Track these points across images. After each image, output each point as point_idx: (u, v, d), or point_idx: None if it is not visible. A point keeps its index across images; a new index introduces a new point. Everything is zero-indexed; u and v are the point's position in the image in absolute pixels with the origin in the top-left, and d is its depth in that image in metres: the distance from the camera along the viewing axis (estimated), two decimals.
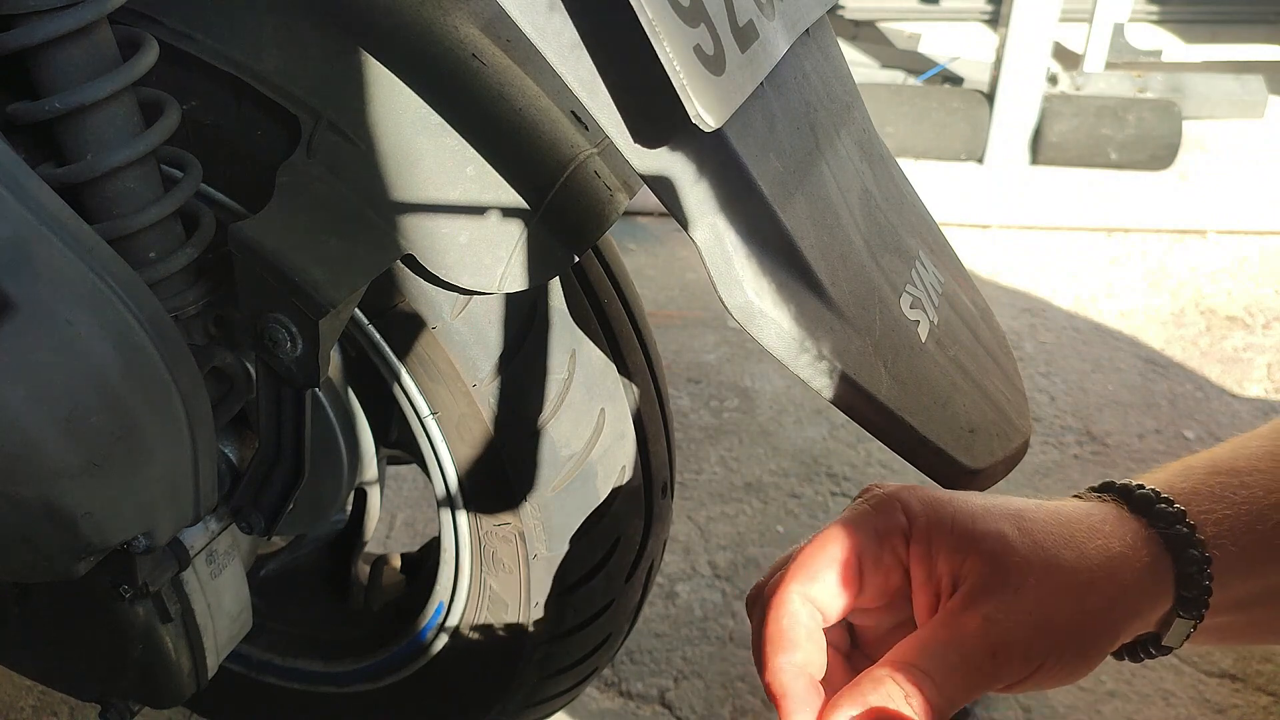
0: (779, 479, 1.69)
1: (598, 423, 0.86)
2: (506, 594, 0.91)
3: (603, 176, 0.72)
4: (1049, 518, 0.53)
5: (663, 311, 2.13)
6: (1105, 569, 0.51)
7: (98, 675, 0.87)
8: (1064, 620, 0.49)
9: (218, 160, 0.75)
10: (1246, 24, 3.52)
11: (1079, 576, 0.50)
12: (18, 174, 0.62)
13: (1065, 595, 0.50)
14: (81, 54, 0.67)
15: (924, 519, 0.52)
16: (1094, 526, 0.53)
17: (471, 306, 0.77)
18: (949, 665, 0.48)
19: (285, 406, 0.77)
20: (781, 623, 0.51)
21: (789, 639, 0.51)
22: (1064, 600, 0.50)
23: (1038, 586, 0.50)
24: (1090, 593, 0.50)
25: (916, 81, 3.04)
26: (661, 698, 1.33)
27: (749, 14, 0.55)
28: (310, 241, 0.68)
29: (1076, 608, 0.50)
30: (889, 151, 0.75)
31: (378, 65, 0.69)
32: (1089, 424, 1.84)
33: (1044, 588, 0.50)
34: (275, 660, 1.07)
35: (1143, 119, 2.66)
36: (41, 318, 0.62)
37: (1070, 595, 0.50)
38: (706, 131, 0.50)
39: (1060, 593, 0.50)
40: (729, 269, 0.55)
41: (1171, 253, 2.40)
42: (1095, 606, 0.50)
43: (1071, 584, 0.50)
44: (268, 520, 0.84)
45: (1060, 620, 0.49)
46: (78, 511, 0.68)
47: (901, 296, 0.64)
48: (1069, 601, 0.50)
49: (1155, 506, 0.54)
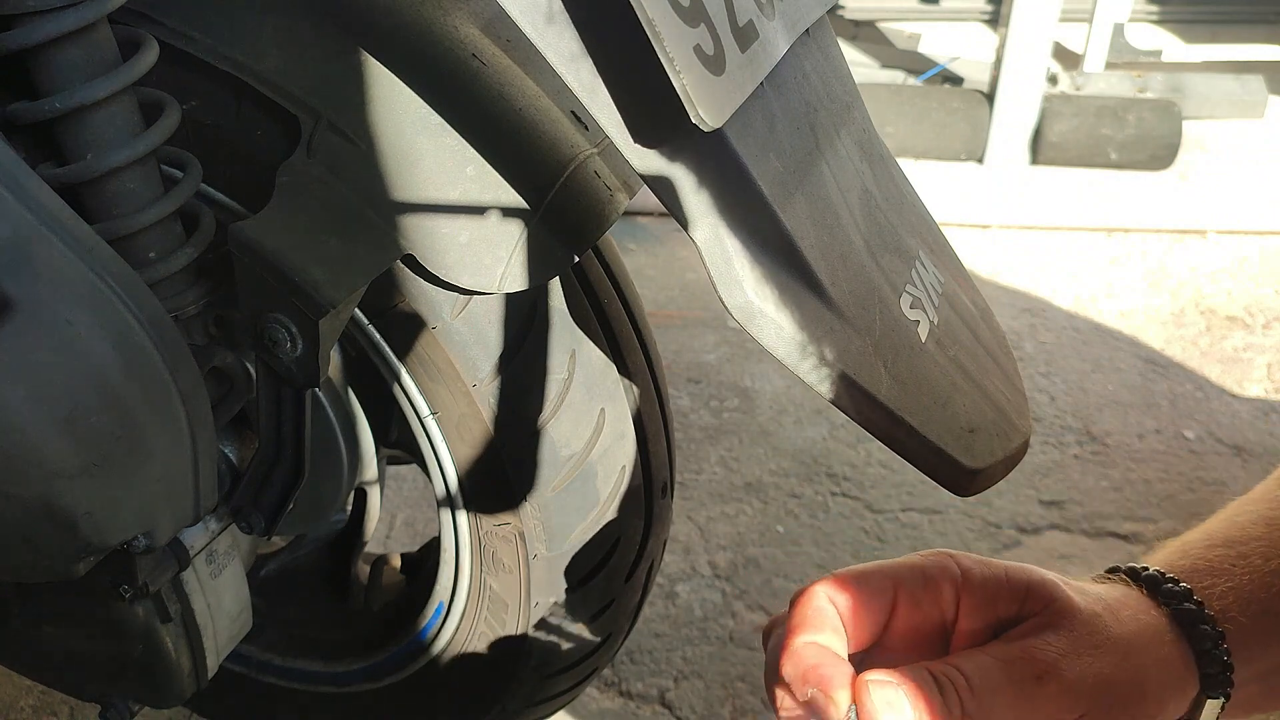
0: (779, 479, 1.69)
1: (598, 423, 0.86)
2: (506, 594, 0.91)
3: (603, 176, 0.72)
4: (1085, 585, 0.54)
5: (663, 311, 2.13)
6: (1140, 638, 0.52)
7: (98, 675, 0.87)
8: (1109, 672, 0.49)
9: (218, 160, 0.75)
10: (1246, 24, 3.52)
11: (1122, 640, 0.51)
12: (18, 174, 0.62)
13: (1112, 651, 0.50)
14: (81, 54, 0.67)
15: (978, 572, 0.53)
16: (1121, 601, 0.54)
17: (471, 306, 0.77)
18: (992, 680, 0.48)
19: (285, 406, 0.77)
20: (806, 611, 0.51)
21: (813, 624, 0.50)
22: (1110, 655, 0.50)
23: (1089, 636, 0.50)
24: (1132, 655, 0.51)
25: (916, 81, 3.04)
26: (661, 698, 1.33)
27: (749, 14, 0.55)
28: (310, 241, 0.68)
29: (1121, 664, 0.50)
30: (889, 151, 0.75)
31: (378, 65, 0.69)
32: (1089, 424, 1.84)
33: (1094, 639, 0.50)
34: (275, 660, 1.07)
35: (1143, 119, 2.66)
36: (41, 318, 0.62)
37: (1116, 652, 0.50)
38: (706, 131, 0.50)
39: (1107, 647, 0.50)
40: (729, 269, 0.55)
41: (1171, 253, 2.40)
42: (1138, 665, 0.51)
43: (1117, 644, 0.51)
44: (268, 520, 0.84)
45: (1106, 672, 0.49)
46: (78, 511, 0.68)
47: (901, 296, 0.64)
48: (1115, 657, 0.50)
49: (1163, 586, 0.54)
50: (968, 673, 0.48)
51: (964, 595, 0.53)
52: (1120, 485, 1.70)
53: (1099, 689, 0.49)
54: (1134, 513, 1.65)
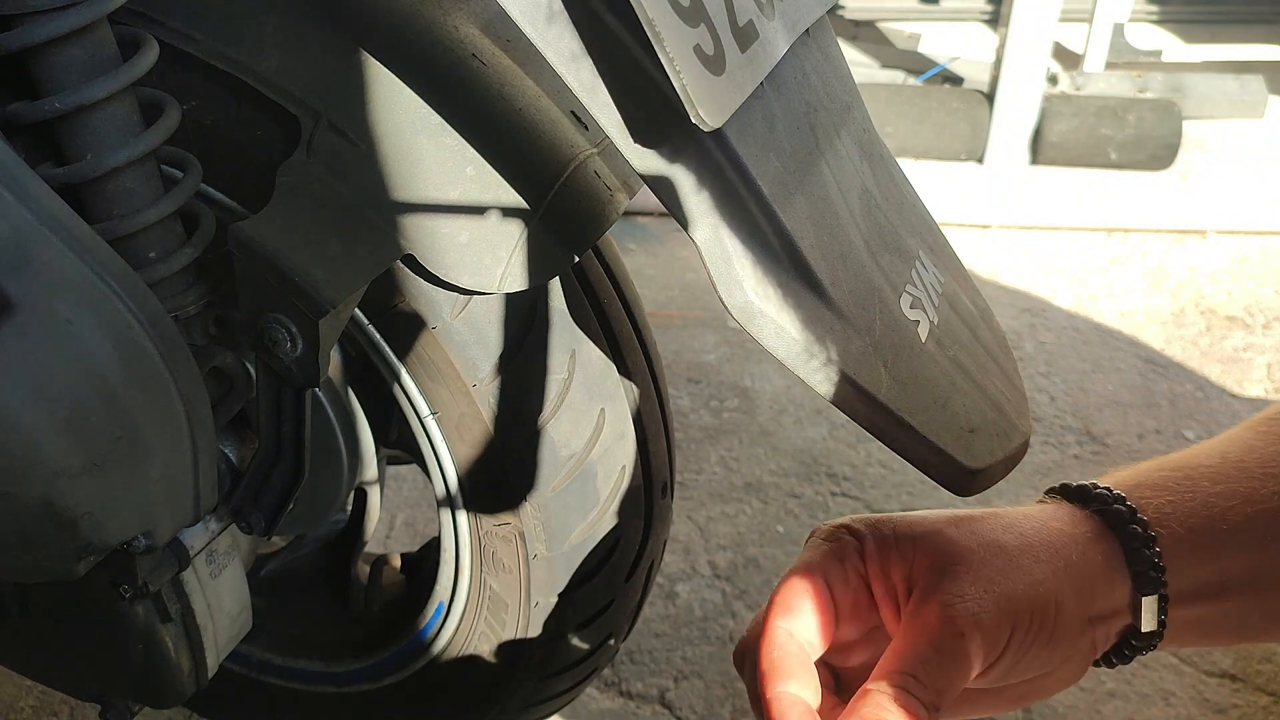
0: (779, 479, 1.69)
1: (598, 423, 0.86)
2: (506, 594, 0.91)
3: (603, 176, 0.72)
4: (987, 515, 0.56)
5: (663, 311, 2.13)
6: (1048, 545, 0.54)
7: (98, 675, 0.87)
8: (1016, 592, 0.51)
9: (218, 160, 0.75)
10: (1246, 24, 3.52)
11: (1023, 555, 0.53)
12: (18, 174, 0.62)
13: (1012, 571, 0.52)
14: (82, 54, 0.67)
15: (871, 537, 0.55)
16: (1031, 515, 0.56)
17: (471, 306, 0.77)
18: (924, 658, 0.50)
19: (285, 406, 0.77)
20: (773, 655, 0.52)
21: (781, 669, 0.52)
22: (1011, 575, 0.52)
23: (983, 566, 0.52)
24: (1036, 565, 0.53)
25: (916, 81, 3.04)
26: (661, 698, 1.33)
27: (749, 14, 0.55)
28: (310, 241, 0.68)
29: (1025, 579, 0.52)
30: (889, 151, 0.75)
31: (378, 65, 0.69)
32: (1089, 424, 1.84)
33: (990, 567, 0.52)
34: (275, 660, 1.07)
35: (1143, 119, 2.66)
36: (41, 318, 0.62)
37: (1017, 570, 0.52)
38: (706, 131, 0.50)
39: (1007, 569, 0.52)
40: (729, 269, 0.55)
41: (1171, 253, 2.40)
42: (1042, 576, 0.52)
43: (1016, 561, 0.53)
44: (268, 520, 0.84)
45: (1013, 592, 0.51)
46: (78, 511, 0.68)
47: (901, 296, 0.64)
48: (1017, 575, 0.52)
49: (1092, 493, 0.57)
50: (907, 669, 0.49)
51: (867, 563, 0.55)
52: None
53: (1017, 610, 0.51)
54: None
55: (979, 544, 0.53)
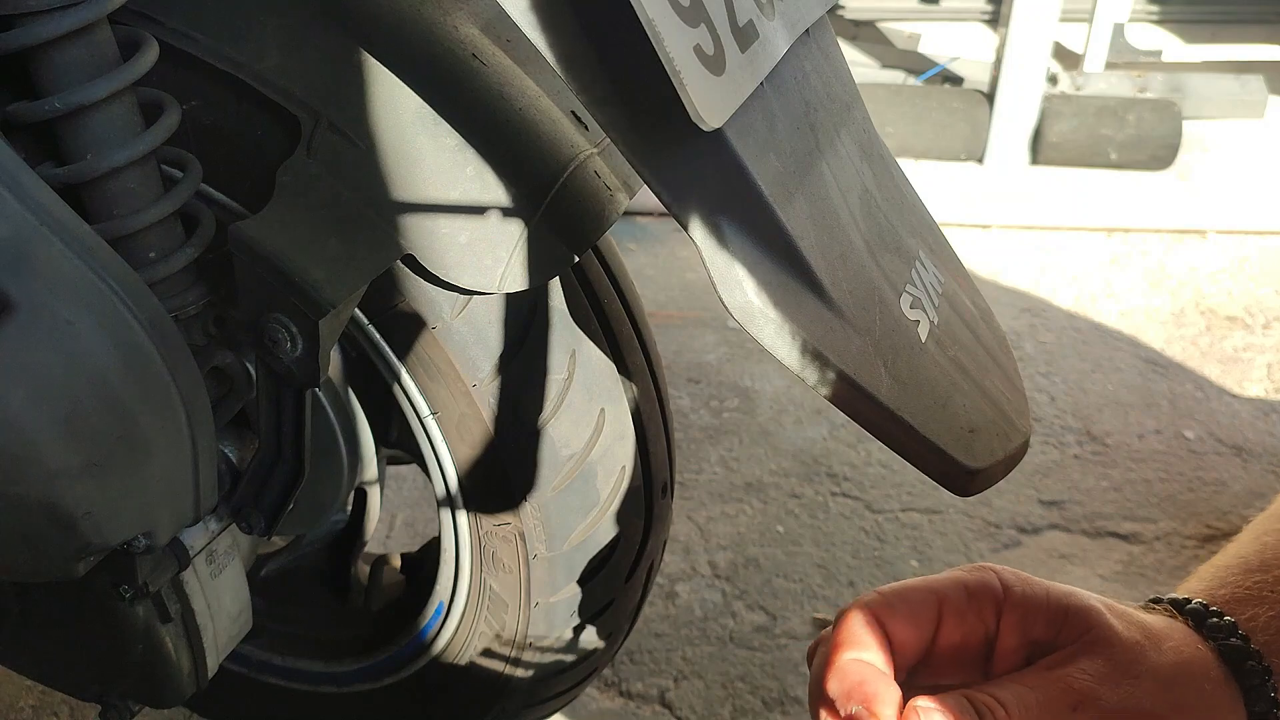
0: (779, 479, 1.69)
1: (598, 423, 0.86)
2: (506, 594, 0.91)
3: (603, 176, 0.72)
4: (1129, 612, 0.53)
5: (663, 311, 2.13)
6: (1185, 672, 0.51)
7: (98, 675, 0.87)
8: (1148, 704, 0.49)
9: (218, 160, 0.75)
10: (1246, 24, 3.52)
11: (1163, 671, 0.50)
12: (18, 174, 0.62)
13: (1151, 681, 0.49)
14: (81, 54, 0.67)
15: (1019, 589, 0.52)
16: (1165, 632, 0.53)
17: (471, 306, 0.77)
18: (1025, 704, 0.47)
19: (285, 406, 0.77)
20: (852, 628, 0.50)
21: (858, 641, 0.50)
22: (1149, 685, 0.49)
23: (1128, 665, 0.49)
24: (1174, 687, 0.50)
25: (916, 81, 3.04)
26: (661, 698, 1.33)
27: (749, 14, 0.55)
28: (310, 241, 0.68)
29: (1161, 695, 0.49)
30: (889, 151, 0.75)
31: (378, 65, 0.69)
32: (1089, 424, 1.84)
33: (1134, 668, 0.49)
34: (275, 660, 1.07)
35: (1143, 119, 2.66)
36: (41, 318, 0.62)
37: (1156, 683, 0.49)
38: (706, 131, 0.50)
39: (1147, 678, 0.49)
40: (729, 269, 0.55)
41: (1171, 253, 2.40)
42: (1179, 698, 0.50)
43: (1157, 675, 0.50)
44: (268, 520, 0.84)
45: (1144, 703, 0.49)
46: (78, 511, 0.68)
47: (901, 296, 0.64)
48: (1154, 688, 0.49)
49: (1208, 620, 0.53)
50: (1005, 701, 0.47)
51: (1005, 612, 0.52)
52: (1120, 485, 1.70)
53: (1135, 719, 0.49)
54: (1134, 513, 1.65)
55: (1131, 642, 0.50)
